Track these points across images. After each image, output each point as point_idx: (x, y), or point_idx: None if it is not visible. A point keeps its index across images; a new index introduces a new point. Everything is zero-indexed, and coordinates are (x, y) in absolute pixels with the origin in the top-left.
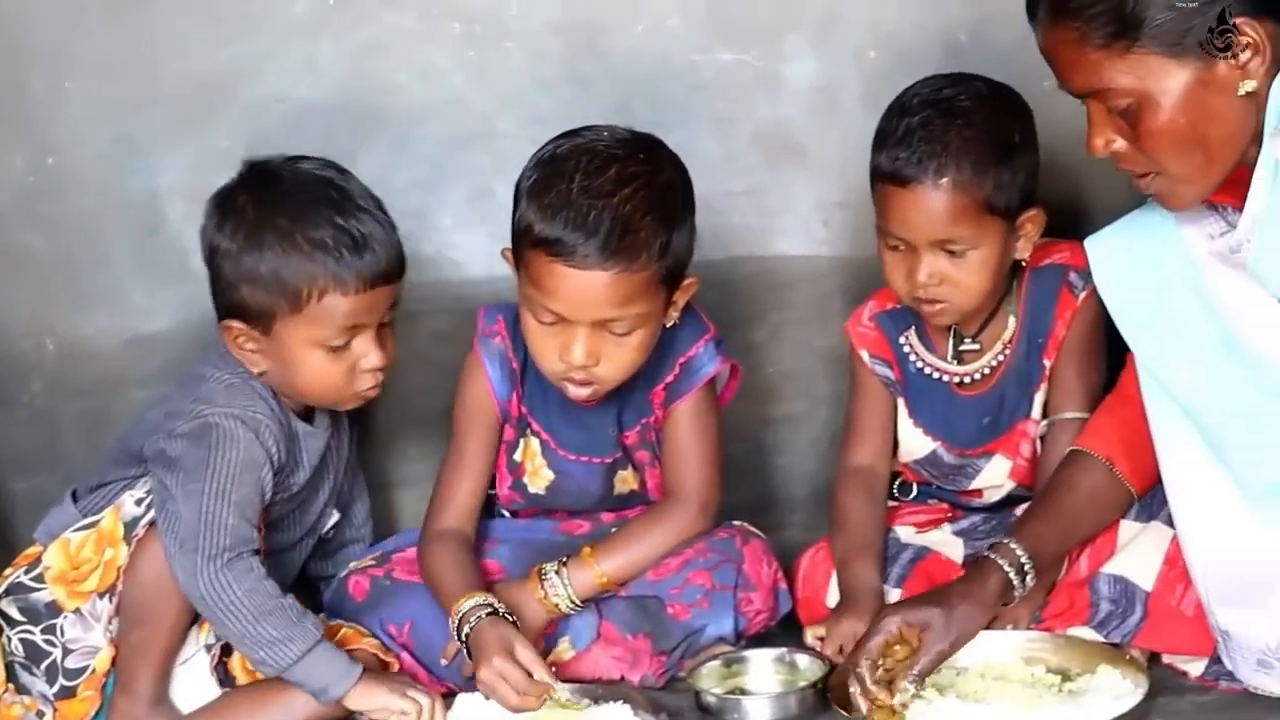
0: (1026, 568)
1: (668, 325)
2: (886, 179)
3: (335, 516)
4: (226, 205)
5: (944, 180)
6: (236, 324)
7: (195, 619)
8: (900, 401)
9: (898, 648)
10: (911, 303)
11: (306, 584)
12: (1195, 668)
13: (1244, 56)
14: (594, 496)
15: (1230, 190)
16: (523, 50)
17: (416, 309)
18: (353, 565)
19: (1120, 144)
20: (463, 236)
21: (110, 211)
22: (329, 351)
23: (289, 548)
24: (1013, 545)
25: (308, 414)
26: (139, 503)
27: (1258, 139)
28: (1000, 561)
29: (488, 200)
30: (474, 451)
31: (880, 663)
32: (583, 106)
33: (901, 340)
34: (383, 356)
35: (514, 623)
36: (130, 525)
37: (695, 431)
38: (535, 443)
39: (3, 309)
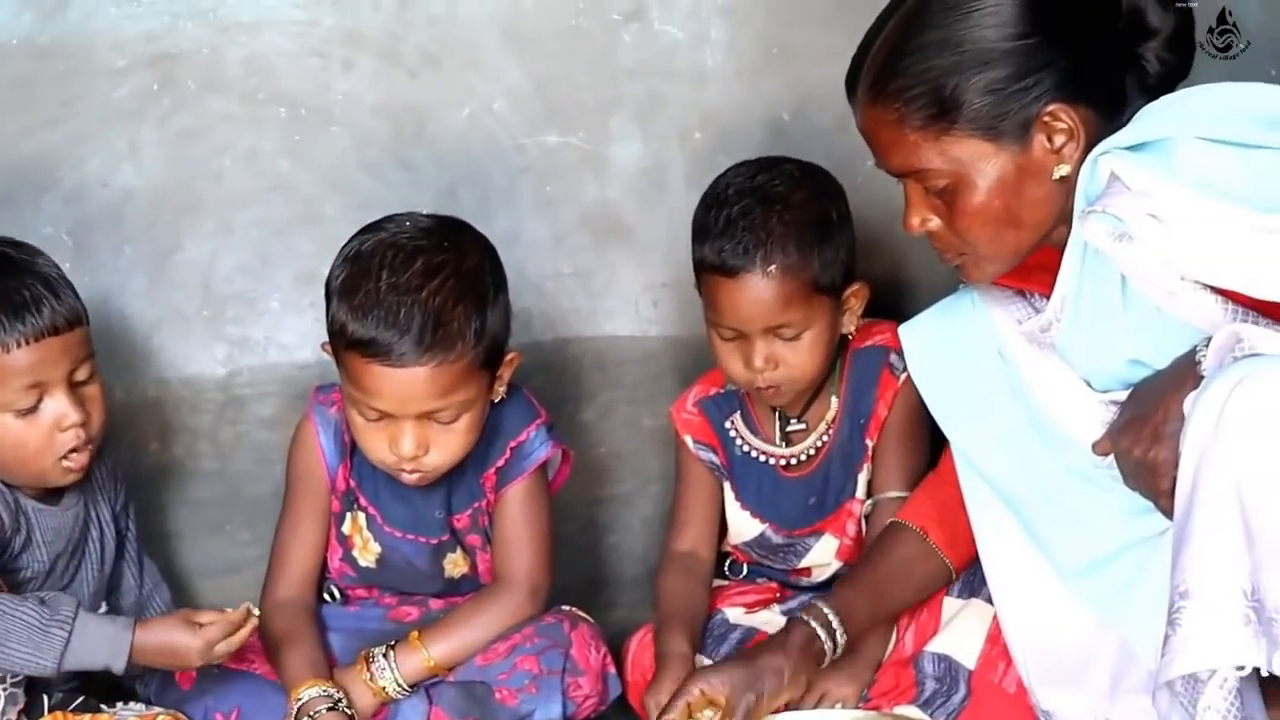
0: (834, 625)
1: (495, 400)
2: (713, 270)
3: (104, 609)
4: None
5: (772, 268)
6: None
7: None
8: (727, 485)
9: (708, 711)
10: (748, 389)
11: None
12: None
13: (1058, 141)
14: (423, 575)
15: (1035, 278)
16: (348, 134)
17: (244, 393)
18: None
19: (935, 223)
20: (291, 320)
21: None
22: (18, 415)
23: None
24: (821, 606)
25: (51, 495)
26: None
27: (1066, 220)
28: (807, 618)
29: (315, 284)
30: (309, 515)
31: None
32: (409, 190)
33: (727, 425)
34: (80, 413)
35: (352, 717)
36: None
37: (526, 516)
38: (362, 517)
39: None
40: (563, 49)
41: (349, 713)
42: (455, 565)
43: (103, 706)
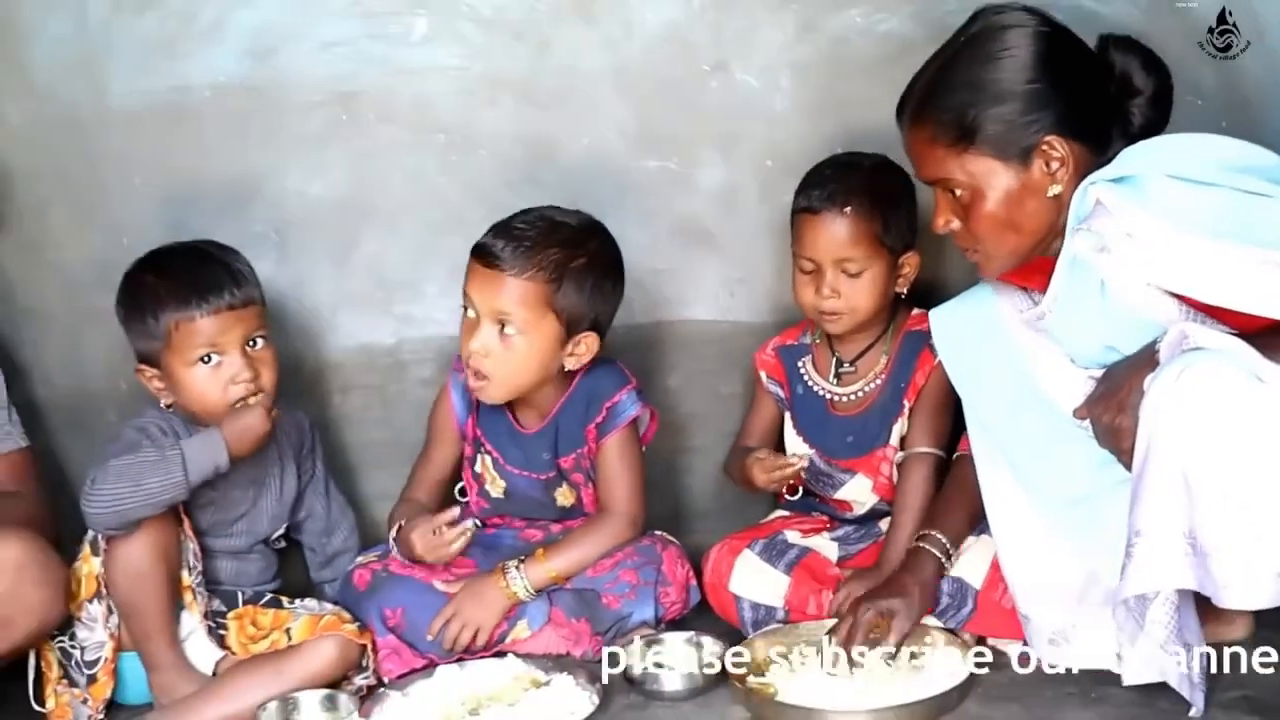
0: (950, 548)
1: (567, 368)
2: (803, 211)
3: (281, 530)
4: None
5: (848, 209)
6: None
7: (180, 601)
8: (788, 416)
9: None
10: (815, 315)
11: (310, 591)
12: (1013, 649)
13: (1054, 166)
14: (540, 503)
15: (1034, 277)
16: (492, 157)
17: (406, 359)
18: (359, 560)
19: (956, 224)
20: (444, 302)
21: None
22: (203, 369)
23: (244, 551)
24: (936, 534)
25: None
26: None
27: (1059, 234)
28: (931, 549)
29: (463, 274)
30: (438, 451)
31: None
32: (539, 202)
33: (799, 364)
34: (250, 371)
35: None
36: (94, 540)
37: (622, 461)
38: (488, 459)
39: (85, 358)
40: (661, 93)
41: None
42: (564, 496)
43: (283, 602)
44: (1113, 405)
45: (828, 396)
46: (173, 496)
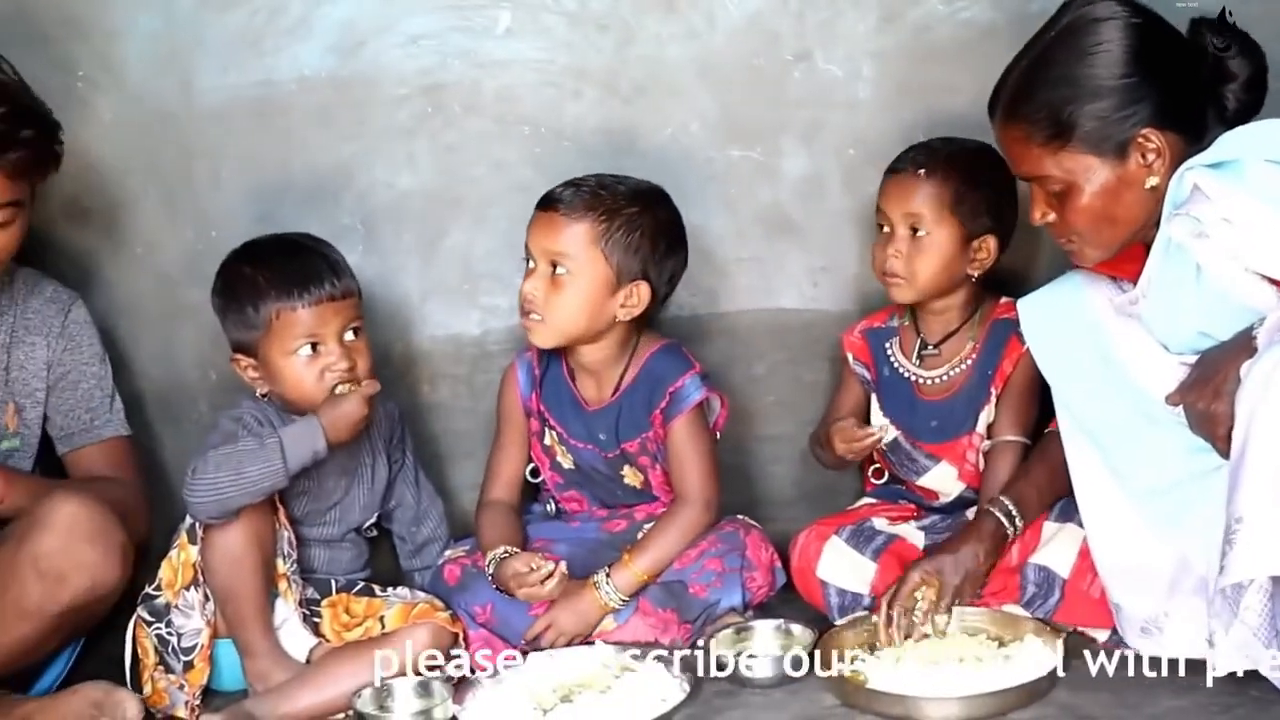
0: (1014, 513)
1: (619, 318)
2: (887, 173)
3: (373, 519)
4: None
5: (921, 170)
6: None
7: (274, 589)
8: (874, 398)
9: (925, 589)
10: (880, 278)
11: (400, 579)
12: (1100, 636)
13: (1150, 158)
14: (610, 480)
15: (1125, 267)
16: (576, 148)
17: (493, 349)
18: (448, 555)
19: (1052, 217)
20: None
21: None
22: (301, 358)
23: (337, 540)
24: (1002, 499)
25: None
26: None
27: (1154, 223)
28: (993, 509)
29: None
30: (509, 436)
31: (909, 606)
32: None
33: (886, 346)
34: (347, 361)
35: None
36: (191, 529)
37: (691, 444)
38: (554, 433)
39: (176, 348)
40: (745, 82)
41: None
42: (631, 477)
43: (375, 590)
44: (1208, 391)
45: (914, 379)
46: (272, 484)
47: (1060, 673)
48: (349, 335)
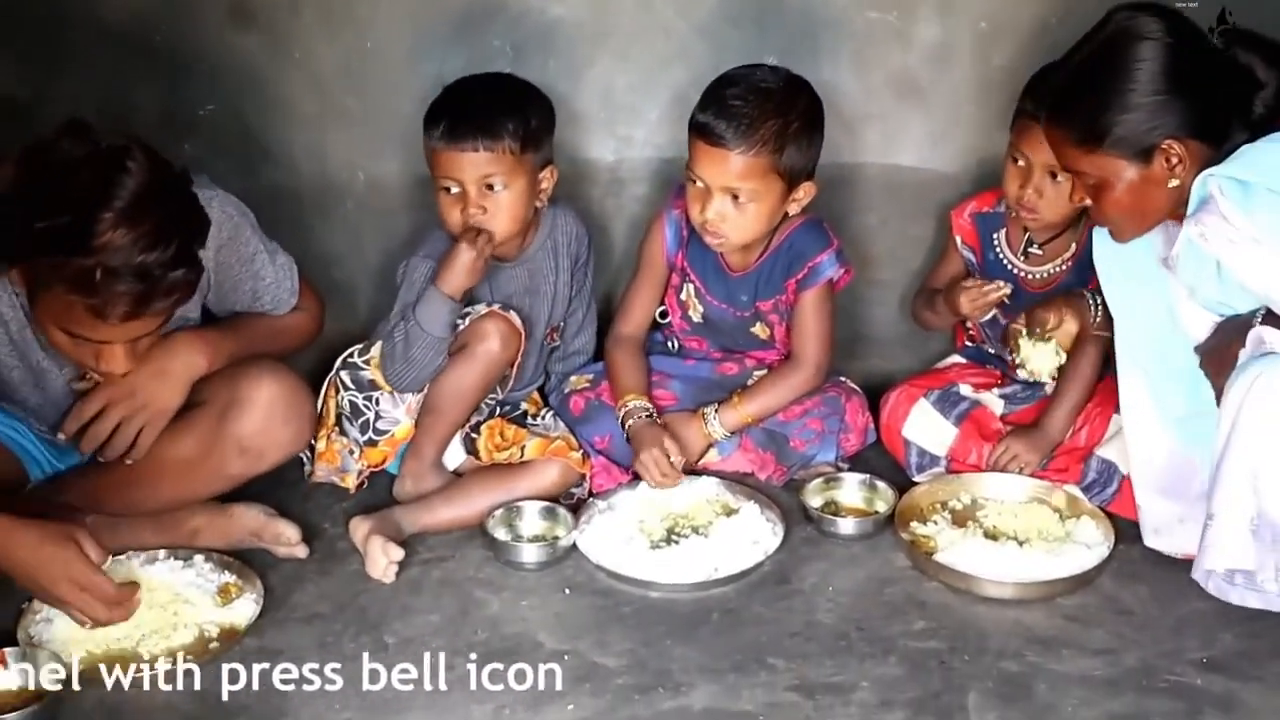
0: (1098, 303)
1: (789, 214)
2: (1025, 116)
3: (556, 342)
4: None
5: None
6: None
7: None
8: (975, 277)
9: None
10: (1014, 206)
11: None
12: None
13: (1173, 163)
14: (734, 332)
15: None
16: (720, 2)
17: (625, 177)
18: (573, 382)
19: (1088, 201)
20: (665, 128)
21: (406, 88)
22: (445, 197)
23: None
24: (1086, 294)
25: (500, 259)
26: None
27: (1184, 205)
28: (1086, 292)
29: (684, 104)
30: (648, 281)
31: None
32: (760, 42)
33: (994, 235)
34: (476, 208)
35: (662, 425)
36: None
37: (816, 316)
38: (692, 288)
39: (329, 150)
40: None
41: (659, 422)
42: (761, 331)
43: (527, 417)
44: (1214, 359)
45: (1017, 273)
46: (438, 351)
47: (1108, 562)
48: (495, 187)
